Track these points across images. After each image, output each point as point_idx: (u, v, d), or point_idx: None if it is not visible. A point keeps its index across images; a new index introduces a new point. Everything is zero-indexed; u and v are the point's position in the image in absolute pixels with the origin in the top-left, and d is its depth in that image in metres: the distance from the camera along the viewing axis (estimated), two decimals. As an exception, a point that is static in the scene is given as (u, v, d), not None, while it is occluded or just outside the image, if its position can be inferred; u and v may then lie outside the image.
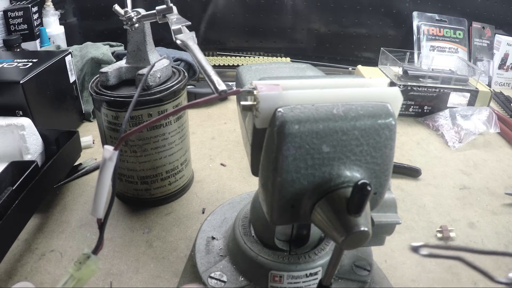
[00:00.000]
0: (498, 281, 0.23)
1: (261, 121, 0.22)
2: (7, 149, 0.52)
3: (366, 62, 1.06)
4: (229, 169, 0.62)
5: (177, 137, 0.50)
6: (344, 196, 0.22)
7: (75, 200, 0.54)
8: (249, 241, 0.36)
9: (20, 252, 0.45)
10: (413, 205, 0.57)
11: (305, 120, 0.21)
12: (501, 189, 0.62)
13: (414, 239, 0.51)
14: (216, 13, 1.05)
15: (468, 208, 0.57)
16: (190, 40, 0.35)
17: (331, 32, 1.11)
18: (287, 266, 0.33)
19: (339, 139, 0.22)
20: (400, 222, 0.32)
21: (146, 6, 0.92)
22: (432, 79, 0.85)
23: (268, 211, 0.25)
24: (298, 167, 0.22)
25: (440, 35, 1.07)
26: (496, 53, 1.09)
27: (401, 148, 0.73)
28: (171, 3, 0.43)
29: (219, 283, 0.34)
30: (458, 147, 0.74)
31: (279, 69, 0.36)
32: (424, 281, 0.44)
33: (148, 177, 0.50)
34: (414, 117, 0.86)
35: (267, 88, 0.21)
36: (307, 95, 0.22)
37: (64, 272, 0.42)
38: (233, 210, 0.44)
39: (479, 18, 1.11)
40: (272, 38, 1.10)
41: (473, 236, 0.52)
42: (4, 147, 0.52)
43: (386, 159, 0.24)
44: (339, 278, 0.36)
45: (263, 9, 1.05)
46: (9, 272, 0.42)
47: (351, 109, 0.22)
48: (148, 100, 0.45)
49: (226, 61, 1.03)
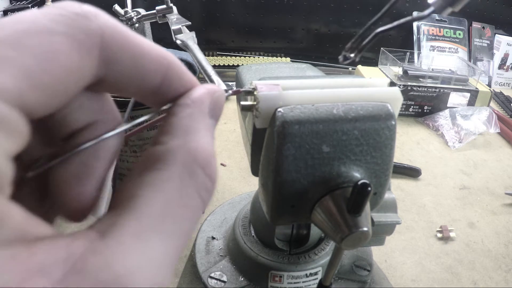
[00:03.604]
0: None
1: (261, 121, 0.22)
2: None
3: (366, 62, 1.06)
4: (229, 169, 0.62)
5: (177, 137, 0.50)
6: (344, 196, 0.22)
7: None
8: (249, 241, 0.36)
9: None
10: (413, 205, 0.57)
11: (305, 120, 0.21)
12: (501, 189, 0.62)
13: (414, 239, 0.51)
14: (216, 13, 1.05)
15: (468, 208, 0.57)
16: (190, 40, 0.35)
17: (331, 32, 1.11)
18: (287, 266, 0.33)
19: (339, 139, 0.22)
20: (400, 222, 0.32)
21: (146, 6, 0.92)
22: (432, 79, 0.85)
23: (268, 211, 0.25)
24: (298, 167, 0.22)
25: (440, 35, 1.07)
26: (496, 53, 1.09)
27: (401, 148, 0.73)
28: (171, 3, 0.43)
29: (219, 283, 0.34)
30: (458, 147, 0.74)
31: (279, 69, 0.36)
32: (424, 281, 0.44)
33: (148, 177, 0.50)
34: (414, 117, 0.86)
35: (267, 88, 0.21)
36: (307, 95, 0.22)
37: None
38: (233, 210, 0.44)
39: (479, 18, 1.11)
40: (272, 38, 1.10)
41: (473, 236, 0.52)
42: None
43: (386, 159, 0.24)
44: (339, 278, 0.36)
45: (263, 9, 1.05)
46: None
47: (351, 109, 0.22)
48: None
49: (226, 61, 1.03)
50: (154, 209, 0.12)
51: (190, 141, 0.13)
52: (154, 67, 0.14)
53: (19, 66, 0.10)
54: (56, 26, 0.11)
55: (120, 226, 0.11)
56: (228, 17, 1.06)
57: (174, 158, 0.13)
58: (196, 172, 0.13)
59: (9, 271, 0.09)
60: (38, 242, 0.10)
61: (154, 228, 0.12)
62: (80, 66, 0.12)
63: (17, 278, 0.09)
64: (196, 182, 0.13)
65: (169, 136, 0.13)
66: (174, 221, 0.12)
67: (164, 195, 0.12)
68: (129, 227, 0.11)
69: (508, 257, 0.49)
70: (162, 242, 0.12)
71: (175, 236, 0.12)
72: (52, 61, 0.11)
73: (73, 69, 0.11)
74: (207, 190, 0.13)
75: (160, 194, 0.12)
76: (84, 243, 0.11)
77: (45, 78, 0.11)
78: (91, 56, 0.12)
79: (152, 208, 0.12)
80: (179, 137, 0.13)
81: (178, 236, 0.12)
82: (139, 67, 0.13)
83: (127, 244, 0.11)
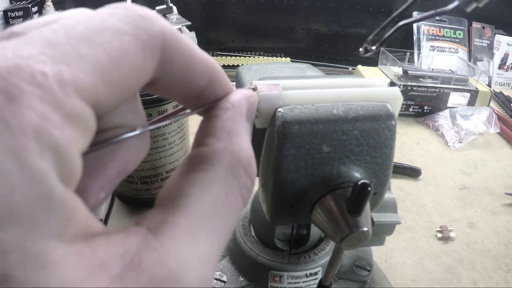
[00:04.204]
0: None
1: (261, 121, 0.22)
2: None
3: (366, 62, 1.06)
4: (229, 169, 0.62)
5: (177, 137, 0.50)
6: (344, 196, 0.22)
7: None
8: (249, 241, 0.36)
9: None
10: (413, 205, 0.57)
11: (305, 120, 0.21)
12: (501, 189, 0.62)
13: (414, 239, 0.51)
14: (216, 13, 1.05)
15: (468, 208, 0.57)
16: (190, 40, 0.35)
17: (331, 32, 1.11)
18: (287, 266, 0.33)
19: (339, 139, 0.22)
20: (400, 222, 0.32)
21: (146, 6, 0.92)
22: (432, 79, 0.85)
23: (268, 211, 0.25)
24: (298, 167, 0.22)
25: (440, 35, 1.07)
26: (496, 53, 1.09)
27: (401, 148, 0.73)
28: (171, 3, 0.43)
29: (219, 283, 0.34)
30: (458, 147, 0.74)
31: (279, 69, 0.36)
32: (424, 281, 0.44)
33: (148, 177, 0.50)
34: (414, 117, 0.86)
35: (267, 88, 0.21)
36: (307, 95, 0.22)
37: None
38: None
39: (479, 18, 1.11)
40: (272, 38, 1.10)
41: (473, 236, 0.52)
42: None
43: (386, 159, 0.24)
44: (339, 278, 0.36)
45: (263, 9, 1.05)
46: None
47: (351, 109, 0.22)
48: (148, 100, 0.45)
49: (226, 61, 1.03)
50: (202, 207, 0.12)
51: (234, 142, 0.14)
52: (203, 71, 0.14)
53: (93, 62, 0.10)
54: (123, 25, 0.11)
55: (171, 223, 0.12)
56: (228, 17, 1.06)
57: (220, 159, 0.14)
58: (240, 172, 0.14)
59: (77, 267, 0.09)
60: (95, 238, 0.10)
61: (202, 226, 0.12)
62: (144, 66, 0.12)
63: (83, 274, 0.09)
64: (239, 182, 0.14)
65: (214, 138, 0.14)
66: (220, 219, 0.13)
67: (211, 195, 0.13)
68: (180, 225, 0.12)
69: (508, 257, 0.49)
70: (209, 239, 0.12)
71: (220, 233, 0.13)
72: (123, 59, 0.11)
73: (139, 69, 0.12)
74: (247, 190, 0.14)
75: (208, 194, 0.13)
76: (136, 239, 0.11)
77: (115, 76, 0.11)
78: (153, 57, 0.12)
79: (200, 207, 0.12)
80: (224, 139, 0.14)
81: (222, 234, 0.13)
82: (190, 70, 0.14)
83: (179, 241, 0.11)
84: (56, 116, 0.09)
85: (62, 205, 0.09)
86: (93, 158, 0.13)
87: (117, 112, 0.14)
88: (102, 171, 0.14)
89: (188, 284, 0.11)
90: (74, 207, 0.10)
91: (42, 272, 0.09)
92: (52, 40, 0.10)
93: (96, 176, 0.14)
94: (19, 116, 0.09)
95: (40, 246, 0.09)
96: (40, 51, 0.10)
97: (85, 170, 0.13)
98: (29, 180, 0.09)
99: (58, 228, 0.09)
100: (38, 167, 0.09)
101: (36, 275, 0.09)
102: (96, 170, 0.14)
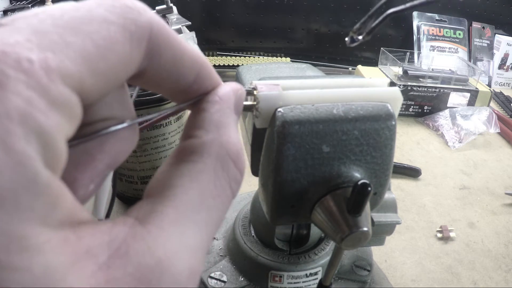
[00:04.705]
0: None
1: (261, 121, 0.22)
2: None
3: (366, 62, 1.06)
4: (229, 169, 0.62)
5: (177, 137, 0.50)
6: (344, 196, 0.22)
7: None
8: (249, 241, 0.36)
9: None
10: (413, 205, 0.57)
11: (305, 120, 0.21)
12: (501, 189, 0.62)
13: (414, 239, 0.51)
14: (216, 13, 1.05)
15: (468, 208, 0.57)
16: (190, 40, 0.35)
17: (331, 32, 1.11)
18: (287, 266, 0.33)
19: (339, 139, 0.22)
20: (400, 222, 0.32)
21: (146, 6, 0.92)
22: (432, 79, 0.85)
23: (268, 211, 0.25)
24: (298, 167, 0.22)
25: (440, 35, 1.07)
26: (496, 53, 1.09)
27: (401, 148, 0.73)
28: (171, 3, 0.43)
29: (219, 283, 0.34)
30: (458, 147, 0.74)
31: (279, 69, 0.36)
32: (424, 281, 0.44)
33: (148, 177, 0.50)
34: (414, 117, 0.86)
35: (267, 88, 0.21)
36: (307, 95, 0.22)
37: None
38: (233, 210, 0.44)
39: (479, 18, 1.11)
40: (272, 38, 1.10)
41: (473, 236, 0.52)
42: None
43: (386, 159, 0.24)
44: (339, 278, 0.36)
45: (263, 9, 1.05)
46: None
47: (351, 109, 0.22)
48: (148, 100, 0.45)
49: (226, 61, 1.03)
50: (190, 198, 0.13)
51: (222, 135, 0.14)
52: (191, 64, 0.14)
53: (80, 51, 0.10)
54: (111, 15, 0.11)
55: (159, 213, 0.12)
56: (228, 17, 1.06)
57: (209, 151, 0.14)
58: (228, 164, 0.14)
59: (62, 253, 0.09)
60: (82, 225, 0.10)
61: (190, 216, 0.12)
62: (130, 56, 0.12)
63: (69, 260, 0.09)
64: (228, 174, 0.14)
65: (202, 130, 0.14)
66: (208, 210, 0.13)
67: (199, 186, 0.13)
68: (168, 214, 0.12)
69: (508, 257, 0.49)
70: (198, 229, 0.12)
71: (208, 224, 0.13)
72: (109, 49, 0.11)
73: (126, 58, 0.12)
74: (236, 182, 0.14)
75: (196, 185, 0.13)
76: (124, 228, 0.11)
77: (102, 65, 0.11)
78: (140, 48, 0.12)
79: (189, 197, 0.12)
80: (212, 131, 0.14)
81: (210, 225, 0.13)
82: (178, 63, 0.14)
83: (167, 231, 0.11)
84: (42, 101, 0.09)
85: (47, 190, 0.09)
86: (82, 150, 0.13)
87: (105, 104, 0.14)
88: (91, 163, 0.14)
89: (176, 274, 0.11)
90: (59, 192, 0.10)
91: (26, 256, 0.09)
92: (39, 29, 0.10)
93: (85, 168, 0.14)
94: (4, 101, 0.09)
95: (24, 229, 0.09)
96: (26, 39, 0.10)
97: (74, 162, 0.13)
98: (14, 164, 0.09)
99: (43, 213, 0.09)
100: (23, 151, 0.09)
101: (19, 259, 0.09)
102: (85, 162, 0.14)
